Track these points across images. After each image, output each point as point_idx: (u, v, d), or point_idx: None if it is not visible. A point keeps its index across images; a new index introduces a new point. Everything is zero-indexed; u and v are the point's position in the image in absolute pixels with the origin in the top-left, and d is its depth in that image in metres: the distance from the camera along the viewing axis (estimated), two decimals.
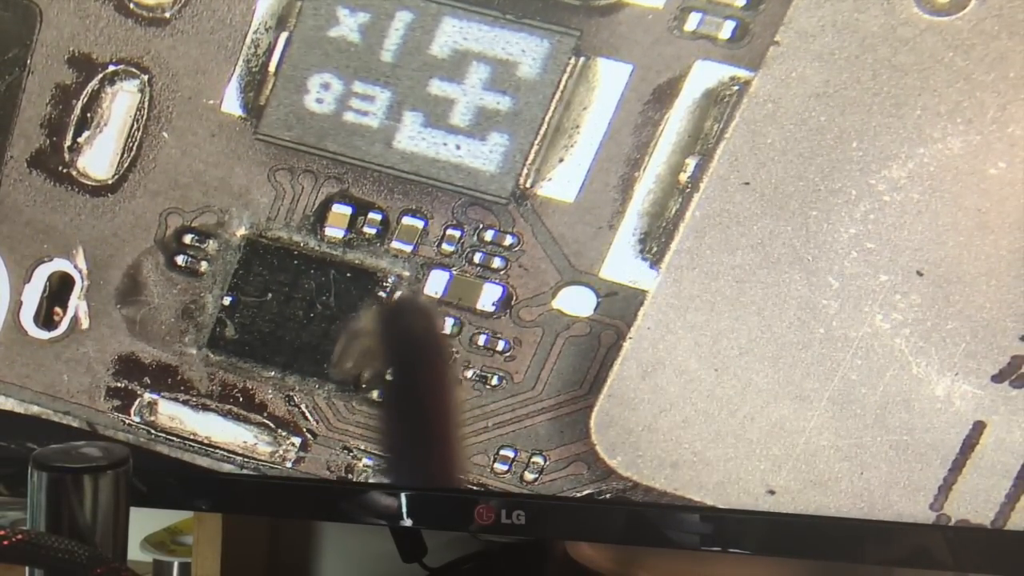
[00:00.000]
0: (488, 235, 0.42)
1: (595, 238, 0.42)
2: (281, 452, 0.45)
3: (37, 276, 0.45)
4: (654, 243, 0.41)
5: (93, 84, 0.43)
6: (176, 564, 0.65)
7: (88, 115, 0.44)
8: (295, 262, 0.44)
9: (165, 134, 0.43)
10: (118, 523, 0.32)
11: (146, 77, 0.43)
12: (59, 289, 0.45)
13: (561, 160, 0.41)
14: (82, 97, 0.44)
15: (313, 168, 0.43)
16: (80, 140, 0.44)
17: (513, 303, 0.43)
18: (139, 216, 0.44)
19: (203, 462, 0.46)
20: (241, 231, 0.44)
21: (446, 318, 0.43)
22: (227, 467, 0.46)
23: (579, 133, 0.41)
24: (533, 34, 0.41)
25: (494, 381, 0.43)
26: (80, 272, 0.45)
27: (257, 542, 0.66)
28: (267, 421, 0.45)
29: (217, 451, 0.45)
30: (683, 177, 0.41)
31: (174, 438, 0.46)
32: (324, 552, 0.71)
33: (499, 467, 0.44)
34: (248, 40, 0.42)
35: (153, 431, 0.46)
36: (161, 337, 0.45)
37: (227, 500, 0.47)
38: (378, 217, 0.43)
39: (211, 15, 0.42)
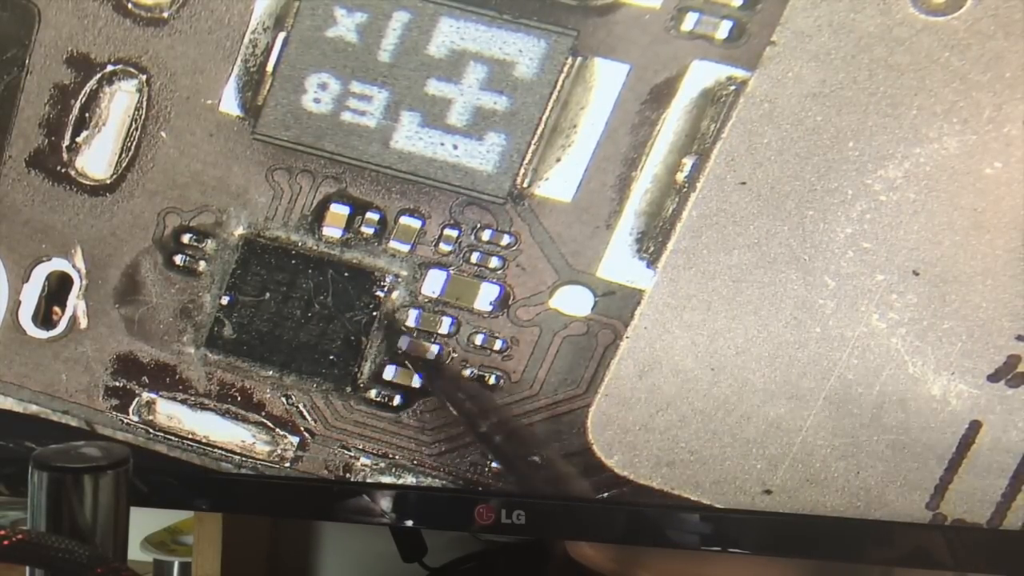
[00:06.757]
0: (485, 235, 0.42)
1: (592, 238, 0.42)
2: (279, 451, 0.45)
3: (36, 276, 0.45)
4: (651, 243, 0.41)
5: (91, 84, 0.44)
6: (176, 564, 0.65)
7: (86, 115, 0.44)
8: (293, 262, 0.44)
9: (163, 134, 0.43)
10: (118, 523, 0.32)
11: (144, 77, 0.43)
12: (58, 288, 0.45)
13: (558, 160, 0.41)
14: (80, 97, 0.44)
15: (311, 168, 0.43)
16: (78, 140, 0.44)
17: (510, 302, 0.43)
18: (137, 216, 0.44)
19: (201, 461, 0.46)
20: (239, 231, 0.44)
21: (443, 317, 0.43)
22: (225, 466, 0.46)
23: (576, 133, 0.41)
24: (530, 34, 0.41)
25: (491, 380, 0.43)
26: (79, 272, 0.45)
27: (257, 542, 0.66)
28: (265, 420, 0.45)
29: (215, 450, 0.46)
30: (680, 177, 0.41)
31: (172, 437, 0.46)
32: (324, 552, 0.71)
33: (497, 466, 0.44)
34: (246, 40, 0.42)
35: (151, 430, 0.46)
36: (159, 336, 0.45)
37: (227, 500, 0.47)
38: (376, 217, 0.43)
39: (209, 15, 0.42)
